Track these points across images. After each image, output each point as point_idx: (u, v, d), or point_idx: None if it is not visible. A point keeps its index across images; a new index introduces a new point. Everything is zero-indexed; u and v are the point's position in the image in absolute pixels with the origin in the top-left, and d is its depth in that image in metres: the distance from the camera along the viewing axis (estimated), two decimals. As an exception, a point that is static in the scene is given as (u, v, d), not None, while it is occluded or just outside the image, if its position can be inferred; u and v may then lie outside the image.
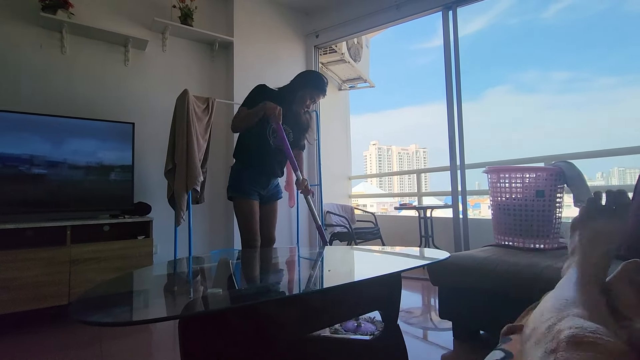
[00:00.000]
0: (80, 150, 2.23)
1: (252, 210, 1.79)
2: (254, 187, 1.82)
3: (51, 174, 2.13)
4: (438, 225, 3.17)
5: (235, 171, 1.85)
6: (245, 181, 1.81)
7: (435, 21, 2.90)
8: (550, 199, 1.61)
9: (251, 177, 1.82)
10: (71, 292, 1.98)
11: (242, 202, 1.79)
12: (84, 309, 0.76)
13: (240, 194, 1.79)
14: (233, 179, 1.84)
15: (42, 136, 2.12)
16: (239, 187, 1.80)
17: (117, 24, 2.58)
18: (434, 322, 1.92)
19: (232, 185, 1.83)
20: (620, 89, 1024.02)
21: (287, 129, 1.87)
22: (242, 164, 1.84)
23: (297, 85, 1.82)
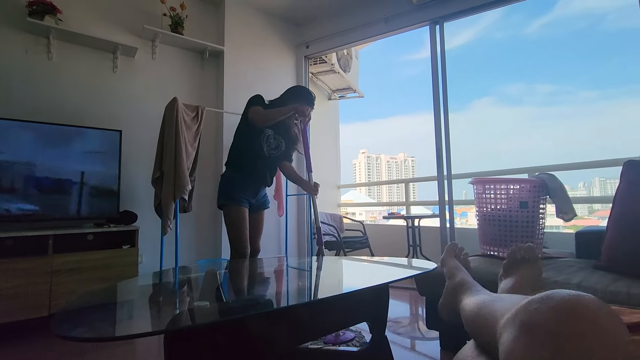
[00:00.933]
0: (65, 158, 2.19)
1: (243, 218, 1.80)
2: (245, 195, 1.84)
3: (35, 181, 2.08)
4: (426, 235, 3.20)
5: (227, 178, 1.86)
6: (236, 188, 1.82)
7: (423, 33, 2.99)
8: (534, 210, 1.65)
9: (243, 184, 1.84)
10: (52, 304, 1.92)
11: (234, 210, 1.79)
12: (65, 322, 0.75)
13: (231, 202, 1.80)
14: (224, 186, 1.84)
15: (26, 143, 2.07)
16: (231, 195, 1.81)
17: (106, 31, 2.56)
18: (421, 332, 1.93)
19: (223, 192, 1.83)
20: (601, 102, 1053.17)
21: (280, 139, 1.94)
22: (234, 171, 1.86)
23: (288, 100, 1.89)
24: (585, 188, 59.23)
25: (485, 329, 0.53)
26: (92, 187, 2.26)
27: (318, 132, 4.06)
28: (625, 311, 0.74)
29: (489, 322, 0.51)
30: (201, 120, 2.62)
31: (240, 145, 1.88)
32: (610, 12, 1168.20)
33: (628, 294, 1.06)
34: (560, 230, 2.78)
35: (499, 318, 0.49)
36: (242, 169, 1.86)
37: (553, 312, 0.41)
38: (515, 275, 0.78)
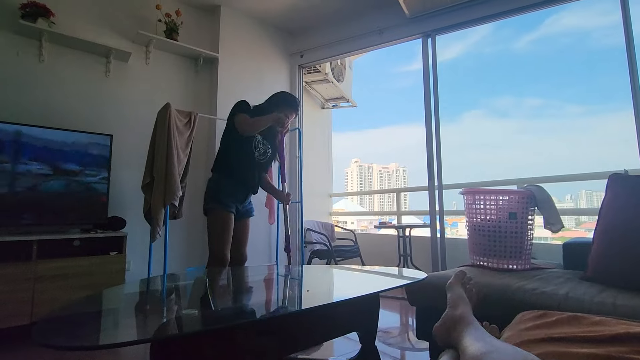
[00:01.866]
0: (54, 161, 2.15)
1: (229, 224, 1.77)
2: (232, 201, 1.81)
3: (22, 185, 2.04)
4: (417, 244, 3.21)
5: (215, 182, 1.83)
6: (224, 193, 1.79)
7: (416, 45, 3.06)
8: (522, 221, 1.67)
9: (231, 189, 1.81)
10: (34, 312, 1.86)
11: (220, 215, 1.75)
12: (48, 330, 0.73)
13: (219, 206, 1.76)
14: (212, 190, 1.81)
15: (14, 146, 2.03)
16: (218, 199, 1.77)
17: (99, 35, 2.55)
18: (411, 342, 1.92)
19: (210, 196, 1.80)
20: (587, 117, 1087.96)
21: (267, 145, 1.94)
22: (223, 175, 1.83)
23: (274, 105, 1.89)
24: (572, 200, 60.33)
25: None
26: (80, 191, 2.22)
27: (311, 140, 4.07)
28: (611, 322, 0.75)
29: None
30: (194, 127, 2.61)
31: (229, 149, 1.84)
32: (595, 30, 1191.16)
33: (614, 305, 1.07)
34: (548, 242, 2.82)
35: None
36: (232, 174, 1.82)
37: None
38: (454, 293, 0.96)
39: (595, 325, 0.75)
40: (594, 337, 0.67)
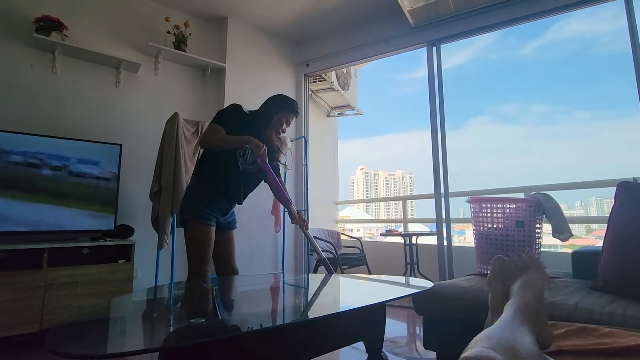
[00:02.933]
0: (65, 171, 2.19)
1: (209, 237, 1.58)
2: (213, 212, 1.61)
3: (33, 193, 2.08)
4: (423, 252, 3.19)
5: (194, 192, 1.63)
6: (203, 203, 1.59)
7: (421, 53, 3.05)
8: (530, 230, 1.66)
9: (211, 199, 1.62)
10: (44, 319, 1.88)
11: (198, 228, 1.56)
12: (59, 338, 0.74)
13: (197, 218, 1.57)
14: (189, 200, 1.62)
15: (27, 155, 2.08)
16: (196, 210, 1.58)
17: (110, 47, 2.62)
18: (418, 352, 1.90)
19: (187, 207, 1.60)
20: (594, 123, 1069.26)
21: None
22: (203, 184, 1.63)
23: (272, 109, 1.74)
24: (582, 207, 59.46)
25: None
26: (89, 200, 2.26)
27: (317, 148, 4.09)
28: (621, 334, 0.74)
29: None
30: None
31: (212, 156, 1.64)
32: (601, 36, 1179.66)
33: (624, 316, 1.06)
34: (557, 250, 2.78)
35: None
36: (212, 183, 1.62)
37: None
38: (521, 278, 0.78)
39: (605, 337, 0.74)
40: (604, 349, 0.66)
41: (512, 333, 0.54)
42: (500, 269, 0.84)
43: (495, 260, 0.87)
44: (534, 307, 0.68)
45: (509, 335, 0.52)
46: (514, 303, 0.70)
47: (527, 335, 0.56)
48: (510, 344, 0.49)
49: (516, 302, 0.69)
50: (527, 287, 0.74)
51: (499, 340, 0.49)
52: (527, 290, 0.73)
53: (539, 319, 0.67)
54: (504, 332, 0.54)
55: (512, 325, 0.58)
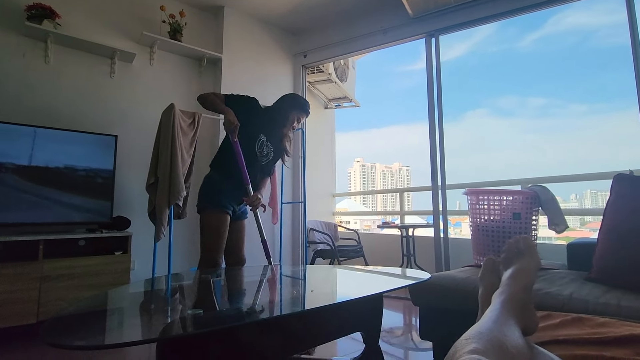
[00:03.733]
0: (59, 162, 2.17)
1: (225, 225, 1.67)
2: (230, 201, 1.72)
3: (27, 185, 2.06)
4: (420, 244, 3.21)
5: (213, 181, 1.73)
6: (223, 193, 1.69)
7: (419, 45, 3.03)
8: (526, 221, 1.67)
9: (230, 189, 1.72)
10: (40, 311, 1.88)
11: (216, 215, 1.65)
12: (56, 330, 0.74)
13: (216, 206, 1.66)
14: (209, 188, 1.71)
15: (20, 146, 2.06)
16: (215, 199, 1.67)
17: (104, 37, 2.57)
18: (414, 342, 1.92)
19: (207, 195, 1.70)
20: (591, 116, 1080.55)
21: (270, 147, 1.86)
22: (222, 174, 1.73)
23: (286, 107, 1.85)
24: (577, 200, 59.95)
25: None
26: (85, 191, 2.24)
27: (314, 140, 4.08)
28: (616, 324, 0.75)
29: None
30: (198, 127, 2.63)
31: (230, 147, 1.73)
32: (600, 29, 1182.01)
33: (618, 306, 1.07)
34: (552, 242, 2.81)
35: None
36: (232, 173, 1.72)
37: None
38: (514, 266, 0.79)
39: (599, 327, 0.75)
40: (599, 339, 0.67)
41: (500, 328, 0.56)
42: (491, 270, 0.89)
43: (486, 261, 0.92)
44: (522, 297, 0.70)
45: (497, 331, 0.55)
46: (503, 293, 0.72)
47: (515, 328, 0.59)
48: (499, 340, 0.52)
49: (505, 292, 0.71)
50: (518, 277, 0.75)
51: (489, 338, 0.51)
52: (518, 279, 0.75)
53: (526, 309, 0.69)
54: (493, 327, 0.56)
55: (500, 318, 0.61)
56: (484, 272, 0.91)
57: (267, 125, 1.82)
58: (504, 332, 0.55)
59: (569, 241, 1.80)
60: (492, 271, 0.89)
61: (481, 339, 0.50)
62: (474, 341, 0.49)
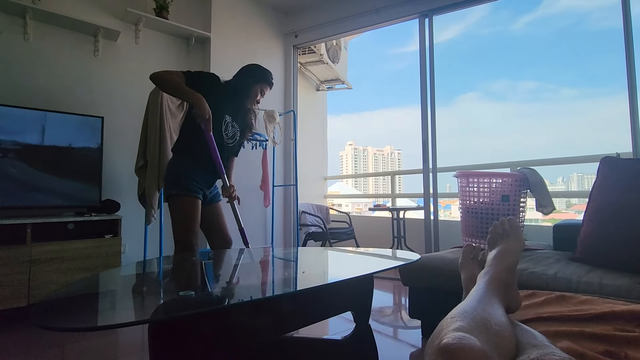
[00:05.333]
0: (44, 145, 2.12)
1: (196, 210, 1.59)
2: (200, 185, 1.62)
3: (12, 168, 2.01)
4: (410, 226, 3.26)
5: (178, 165, 1.62)
6: (191, 177, 1.59)
7: (412, 27, 2.98)
8: (515, 203, 1.70)
9: (198, 172, 1.62)
10: (31, 294, 1.87)
11: (186, 200, 1.56)
12: (46, 313, 0.73)
13: (185, 191, 1.57)
14: (176, 173, 1.60)
15: (2, 128, 1.99)
16: (183, 183, 1.57)
17: (86, 13, 2.46)
18: (404, 321, 1.98)
19: (173, 180, 1.59)
20: (581, 101, 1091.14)
21: (237, 127, 1.76)
22: (187, 157, 1.63)
23: (249, 80, 1.72)
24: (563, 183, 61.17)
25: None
26: (72, 174, 2.20)
27: (305, 123, 4.04)
28: (597, 301, 0.78)
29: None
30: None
31: (195, 129, 1.59)
32: (593, 12, 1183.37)
33: (600, 285, 1.11)
34: (539, 224, 2.87)
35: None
36: (197, 157, 1.62)
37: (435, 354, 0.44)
38: (499, 246, 0.81)
39: (581, 305, 0.77)
40: (581, 315, 0.70)
41: (484, 306, 0.58)
42: (469, 253, 0.94)
43: (465, 248, 0.96)
44: (505, 277, 0.72)
45: (481, 310, 0.57)
46: (487, 273, 0.74)
47: (498, 307, 0.62)
48: (483, 318, 0.54)
49: (489, 272, 0.74)
50: (502, 257, 0.78)
51: (473, 316, 0.53)
52: (502, 260, 0.77)
53: (509, 288, 0.72)
54: (477, 306, 0.58)
55: (484, 297, 0.63)
56: (464, 258, 0.95)
57: (231, 104, 1.69)
58: (488, 310, 0.57)
59: (555, 223, 1.85)
60: (471, 257, 0.94)
61: (465, 317, 0.52)
62: (458, 319, 0.51)
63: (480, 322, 0.52)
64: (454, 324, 0.49)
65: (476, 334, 0.47)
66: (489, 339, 0.48)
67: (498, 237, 0.84)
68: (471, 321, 0.51)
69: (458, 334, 0.45)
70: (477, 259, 0.93)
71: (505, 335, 0.53)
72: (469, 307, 0.57)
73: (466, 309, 0.55)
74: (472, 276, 0.85)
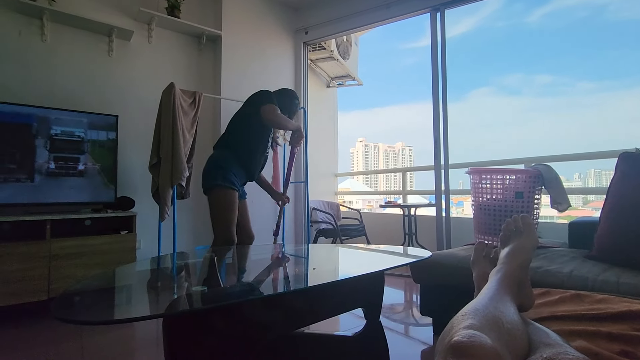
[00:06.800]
0: (61, 143, 2.17)
1: (236, 203, 1.77)
2: (239, 182, 1.84)
3: (31, 167, 2.07)
4: (422, 223, 3.23)
5: (224, 160, 1.79)
6: (233, 172, 1.78)
7: (423, 21, 2.95)
8: (529, 200, 1.67)
9: (240, 171, 1.83)
10: (51, 288, 1.93)
11: (229, 193, 1.73)
12: (65, 306, 0.76)
13: (229, 184, 1.73)
14: (220, 167, 1.76)
15: (21, 128, 2.05)
16: (227, 177, 1.74)
17: (101, 13, 2.51)
18: (415, 318, 1.97)
19: (218, 173, 1.74)
20: (599, 94, 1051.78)
21: (269, 142, 2.03)
22: (233, 155, 1.82)
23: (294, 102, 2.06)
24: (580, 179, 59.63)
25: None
26: (88, 172, 2.25)
27: (316, 120, 4.04)
28: (614, 300, 0.76)
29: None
30: (198, 107, 2.60)
31: (247, 134, 1.85)
32: (611, 3, 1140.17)
33: (617, 283, 1.08)
34: (554, 221, 2.81)
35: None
36: (241, 157, 1.84)
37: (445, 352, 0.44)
38: (511, 244, 0.79)
39: (597, 304, 0.76)
40: (597, 314, 0.68)
41: (496, 304, 0.57)
42: (481, 251, 0.93)
43: (477, 246, 0.95)
44: (518, 275, 0.71)
45: (493, 308, 0.56)
46: (500, 270, 0.73)
47: (510, 305, 0.60)
48: (495, 316, 0.53)
49: (502, 270, 0.72)
50: (515, 254, 0.76)
51: (484, 314, 0.53)
52: (515, 257, 0.75)
53: (522, 286, 0.71)
54: (488, 304, 0.57)
55: (496, 295, 0.62)
56: (476, 256, 0.93)
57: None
58: (500, 308, 0.56)
59: (570, 220, 1.81)
60: (483, 255, 0.93)
61: (477, 315, 0.51)
62: (470, 317, 0.50)
63: (492, 320, 0.52)
64: (465, 322, 0.49)
65: (487, 331, 0.46)
66: (501, 337, 0.48)
67: (511, 235, 0.82)
68: (482, 319, 0.50)
69: (469, 331, 0.45)
70: (490, 257, 0.91)
71: (517, 333, 0.53)
72: (481, 304, 0.56)
73: (477, 306, 0.55)
74: (484, 274, 0.84)
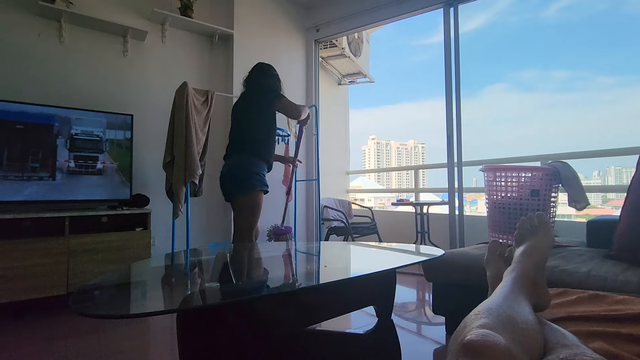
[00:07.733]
0: (81, 142, 2.23)
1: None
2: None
3: (53, 165, 2.13)
4: (434, 222, 3.20)
5: (257, 166, 1.94)
6: (264, 174, 1.96)
7: (436, 17, 2.89)
8: (545, 198, 1.63)
9: (265, 169, 2.00)
10: (69, 283, 1.99)
11: (262, 196, 1.91)
12: (83, 300, 0.78)
13: (265, 187, 1.92)
14: (256, 173, 1.91)
15: (44, 128, 2.11)
16: (264, 181, 1.92)
17: (116, 14, 2.56)
18: (427, 317, 1.95)
19: (256, 179, 1.90)
20: (619, 89, 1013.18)
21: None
22: (260, 159, 1.95)
23: (280, 83, 2.17)
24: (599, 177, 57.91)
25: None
26: (106, 171, 2.31)
27: (327, 118, 4.03)
28: (634, 301, 0.74)
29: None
30: (211, 105, 2.63)
31: (266, 130, 1.98)
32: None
33: (638, 284, 1.05)
34: (571, 219, 2.74)
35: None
36: (265, 157, 1.96)
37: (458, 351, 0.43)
38: (527, 243, 0.78)
39: (617, 304, 0.74)
40: (616, 315, 0.66)
41: (510, 304, 0.56)
42: (495, 250, 0.91)
43: (491, 244, 0.92)
44: (533, 275, 0.69)
45: (507, 307, 0.55)
46: (515, 269, 0.71)
47: (525, 305, 0.59)
48: (509, 316, 0.52)
49: (516, 269, 0.71)
50: (531, 254, 0.75)
51: (498, 313, 0.52)
52: (530, 256, 0.74)
53: (538, 286, 0.69)
54: (503, 303, 0.56)
55: (510, 294, 0.61)
56: (490, 255, 0.91)
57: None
58: (514, 308, 0.55)
59: (589, 219, 1.76)
60: (498, 254, 0.90)
61: (490, 314, 0.50)
62: (483, 316, 0.50)
63: (506, 319, 0.51)
64: (478, 321, 0.48)
65: (501, 331, 0.46)
66: (515, 337, 0.47)
67: (526, 233, 0.80)
68: (496, 318, 0.50)
69: (482, 330, 0.44)
70: (504, 256, 0.89)
71: (531, 333, 0.52)
72: (494, 304, 0.55)
73: (491, 306, 0.54)
74: (498, 273, 0.82)
